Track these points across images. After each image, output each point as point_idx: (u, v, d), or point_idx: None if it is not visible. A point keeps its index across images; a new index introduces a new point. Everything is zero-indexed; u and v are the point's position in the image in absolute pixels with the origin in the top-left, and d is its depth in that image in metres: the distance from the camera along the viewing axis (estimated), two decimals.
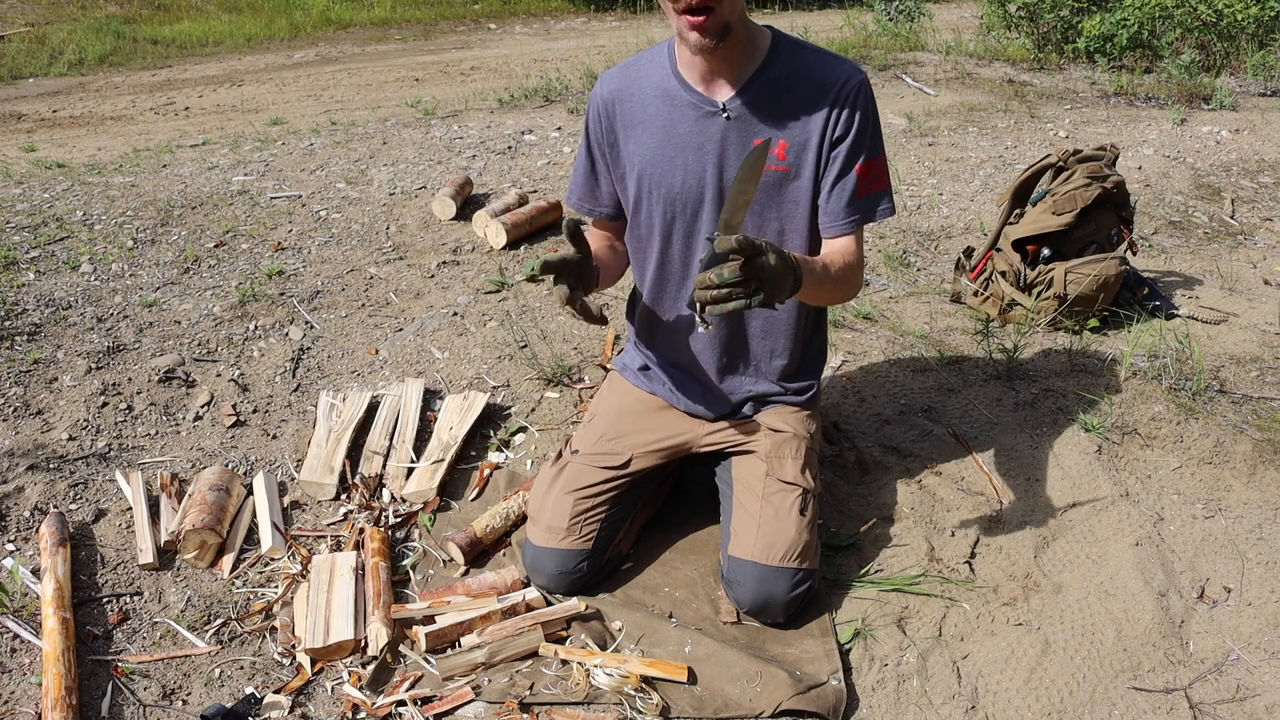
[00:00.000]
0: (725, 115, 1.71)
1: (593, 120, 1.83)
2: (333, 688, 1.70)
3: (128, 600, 1.88)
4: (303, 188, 3.97)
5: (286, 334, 2.80)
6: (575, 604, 1.82)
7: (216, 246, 3.33)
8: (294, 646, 1.77)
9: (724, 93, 1.71)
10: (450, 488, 2.21)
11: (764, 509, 1.81)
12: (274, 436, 2.38)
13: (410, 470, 2.22)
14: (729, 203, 1.45)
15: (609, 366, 2.24)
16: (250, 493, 2.15)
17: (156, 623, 1.84)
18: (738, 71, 1.70)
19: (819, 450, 2.01)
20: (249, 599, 1.90)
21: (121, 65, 8.50)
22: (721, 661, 1.70)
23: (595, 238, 1.98)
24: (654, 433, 1.96)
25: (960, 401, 2.48)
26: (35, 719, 1.62)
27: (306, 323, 2.87)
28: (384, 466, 2.24)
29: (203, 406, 2.46)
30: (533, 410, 2.48)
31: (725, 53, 1.65)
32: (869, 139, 1.73)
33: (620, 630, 1.80)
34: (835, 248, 1.76)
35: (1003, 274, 2.95)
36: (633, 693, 1.64)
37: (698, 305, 1.41)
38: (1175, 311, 2.97)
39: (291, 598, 1.89)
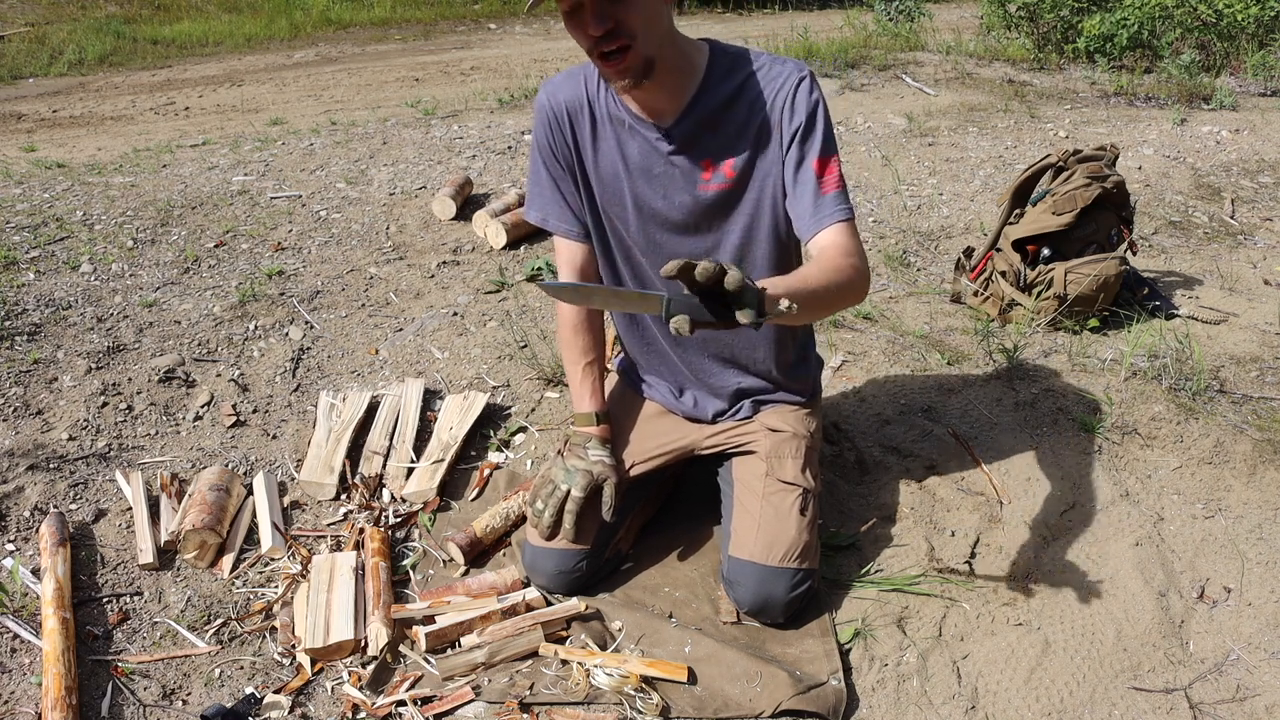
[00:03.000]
0: (669, 141, 1.67)
1: (544, 131, 1.74)
2: (333, 688, 1.70)
3: (128, 600, 1.88)
4: (303, 188, 3.97)
5: (286, 334, 2.80)
6: (575, 604, 1.82)
7: (216, 246, 3.33)
8: (294, 646, 1.77)
9: (666, 118, 1.66)
10: (450, 488, 2.21)
11: (764, 509, 1.81)
12: (274, 436, 2.38)
13: (410, 470, 2.22)
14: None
15: (610, 368, 2.24)
16: (250, 493, 2.15)
17: (156, 623, 1.83)
18: (677, 97, 1.64)
19: (820, 449, 2.01)
20: (249, 599, 1.90)
21: (121, 65, 8.50)
22: (721, 661, 1.70)
23: (579, 331, 1.87)
24: (655, 439, 1.96)
25: (960, 401, 2.47)
26: (35, 719, 1.62)
27: (306, 323, 2.87)
28: (384, 466, 2.24)
29: (203, 406, 2.46)
30: (533, 410, 2.48)
31: (656, 86, 1.59)
32: (820, 135, 1.62)
33: (620, 630, 1.80)
34: (820, 244, 1.60)
35: (1003, 274, 2.95)
36: (633, 693, 1.64)
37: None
38: (1175, 311, 2.97)
39: (291, 598, 1.89)
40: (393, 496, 2.18)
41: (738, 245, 1.75)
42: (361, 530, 2.04)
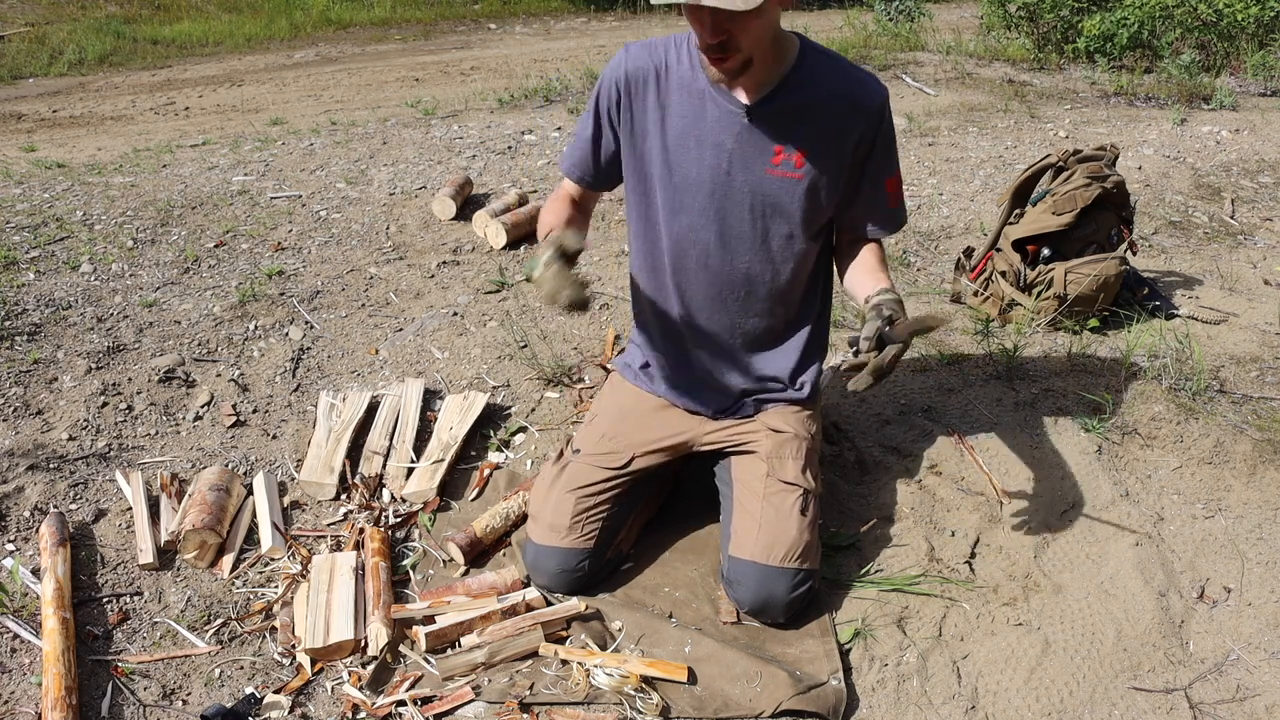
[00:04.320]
0: (748, 118, 1.71)
1: (607, 90, 1.79)
2: (333, 688, 1.70)
3: (128, 600, 1.88)
4: (303, 188, 3.97)
5: (286, 334, 2.80)
6: (575, 604, 1.82)
7: (216, 246, 3.33)
8: (294, 646, 1.77)
9: (749, 95, 1.70)
10: (450, 488, 2.21)
11: (765, 509, 1.81)
12: (274, 436, 2.38)
13: (410, 470, 2.22)
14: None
15: (609, 366, 2.24)
16: (250, 493, 2.15)
17: (156, 623, 1.84)
18: (763, 80, 1.70)
19: (820, 450, 2.01)
20: (249, 599, 1.90)
21: (121, 65, 8.50)
22: (721, 661, 1.70)
23: (562, 201, 1.94)
24: (654, 431, 1.96)
25: (960, 401, 2.47)
26: (35, 719, 1.62)
27: (306, 323, 2.87)
28: (384, 466, 2.24)
29: (203, 406, 2.46)
30: (533, 410, 2.48)
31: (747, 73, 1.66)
32: (895, 154, 1.81)
33: (620, 630, 1.80)
34: (873, 249, 1.86)
35: (1003, 274, 2.95)
36: (633, 693, 1.64)
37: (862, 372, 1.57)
38: (1175, 311, 2.97)
39: (291, 598, 1.89)
40: (393, 496, 2.18)
41: (786, 235, 1.80)
42: (361, 530, 2.04)
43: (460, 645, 1.75)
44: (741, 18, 1.50)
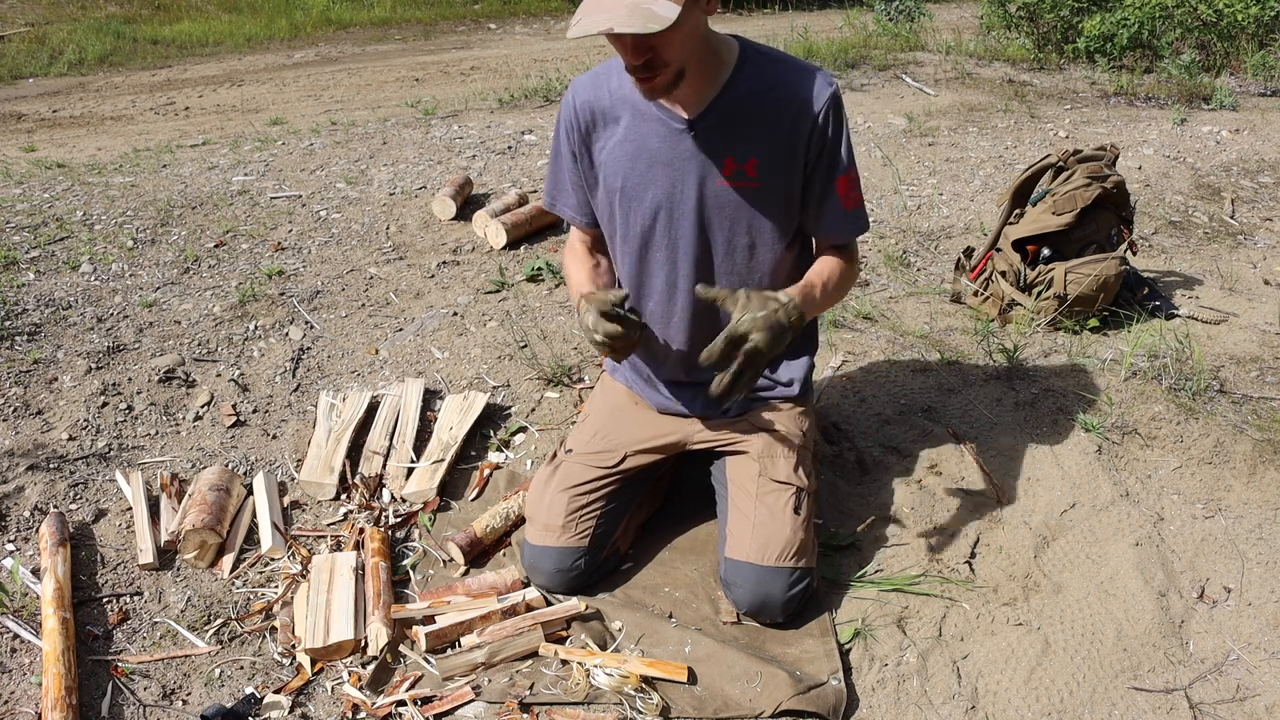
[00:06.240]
0: (691, 133, 1.68)
1: (566, 129, 1.80)
2: (333, 688, 1.70)
3: (128, 600, 1.88)
4: (303, 188, 3.97)
5: (286, 334, 2.80)
6: (575, 604, 1.82)
7: (216, 246, 3.33)
8: (294, 646, 1.77)
9: (691, 110, 1.68)
10: (450, 488, 2.21)
11: (758, 509, 1.81)
12: (274, 436, 2.38)
13: (410, 470, 2.22)
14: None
15: (605, 367, 2.25)
16: (250, 493, 2.15)
17: (156, 623, 1.84)
18: (703, 91, 1.67)
19: (813, 448, 2.00)
20: (249, 599, 1.90)
21: (121, 65, 8.50)
22: (721, 661, 1.70)
23: (579, 256, 1.94)
24: (646, 430, 1.96)
25: (960, 401, 2.47)
26: (35, 719, 1.62)
27: (306, 323, 2.87)
28: (384, 466, 2.24)
29: (203, 406, 2.46)
30: (533, 410, 2.48)
31: (683, 86, 1.62)
32: (843, 154, 1.73)
33: (620, 630, 1.80)
34: (829, 260, 1.80)
35: (1003, 274, 2.95)
36: (633, 693, 1.64)
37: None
38: (1175, 311, 2.97)
39: (291, 598, 1.89)
40: (393, 496, 2.18)
41: (748, 245, 1.78)
42: (361, 530, 2.04)
43: (460, 645, 1.75)
44: (661, 35, 1.47)
